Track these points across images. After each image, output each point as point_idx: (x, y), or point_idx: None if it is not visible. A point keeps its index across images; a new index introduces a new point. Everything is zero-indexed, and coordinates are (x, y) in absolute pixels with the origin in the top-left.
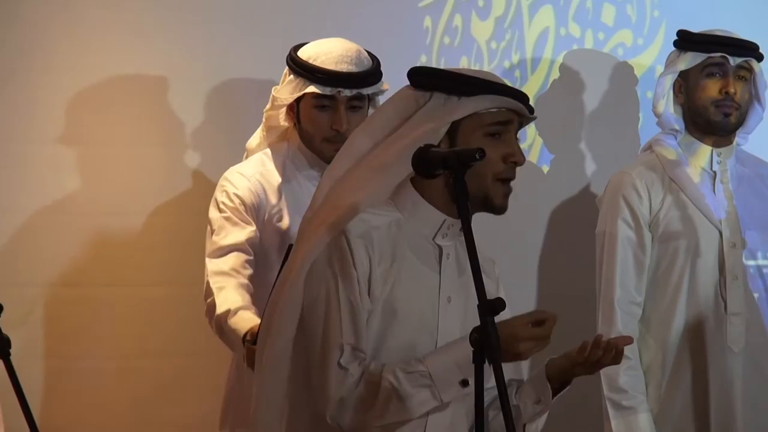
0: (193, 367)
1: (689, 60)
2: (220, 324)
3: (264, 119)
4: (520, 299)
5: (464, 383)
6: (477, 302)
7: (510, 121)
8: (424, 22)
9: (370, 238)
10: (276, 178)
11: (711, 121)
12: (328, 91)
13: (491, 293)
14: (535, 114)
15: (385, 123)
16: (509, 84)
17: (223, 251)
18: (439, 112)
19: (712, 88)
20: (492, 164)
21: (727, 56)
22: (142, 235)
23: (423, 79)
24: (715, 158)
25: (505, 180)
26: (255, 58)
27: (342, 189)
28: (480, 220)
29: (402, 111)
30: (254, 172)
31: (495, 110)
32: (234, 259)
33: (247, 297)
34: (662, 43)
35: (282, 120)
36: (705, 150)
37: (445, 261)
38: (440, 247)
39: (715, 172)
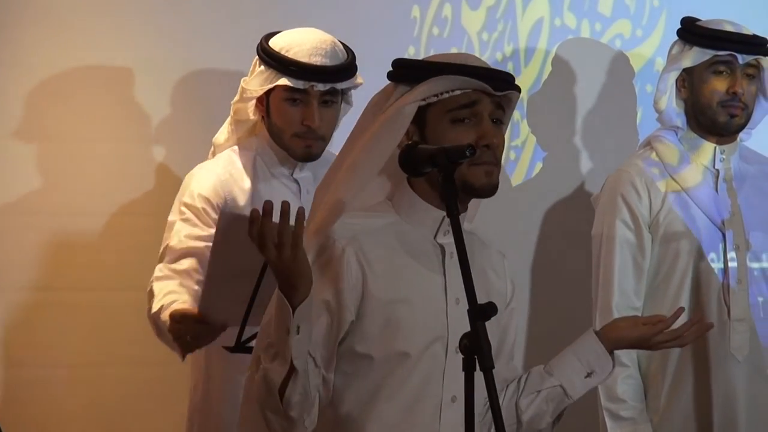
0: (162, 376)
1: (696, 56)
2: (155, 322)
3: (232, 112)
4: None
5: (287, 331)
6: (487, 300)
7: (475, 102)
8: (412, 12)
9: (359, 244)
10: (246, 179)
11: (716, 121)
12: (300, 84)
13: (498, 289)
14: (516, 91)
15: (363, 122)
16: (483, 64)
17: (175, 255)
18: (395, 103)
19: (718, 87)
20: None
21: (736, 54)
22: (108, 236)
23: (394, 71)
24: (719, 156)
25: (481, 163)
26: (227, 47)
27: (325, 194)
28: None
29: (379, 107)
30: (223, 172)
31: (458, 93)
32: (187, 263)
33: (186, 297)
34: (662, 33)
35: (251, 113)
36: (707, 147)
37: (448, 261)
38: (442, 247)
39: (718, 170)
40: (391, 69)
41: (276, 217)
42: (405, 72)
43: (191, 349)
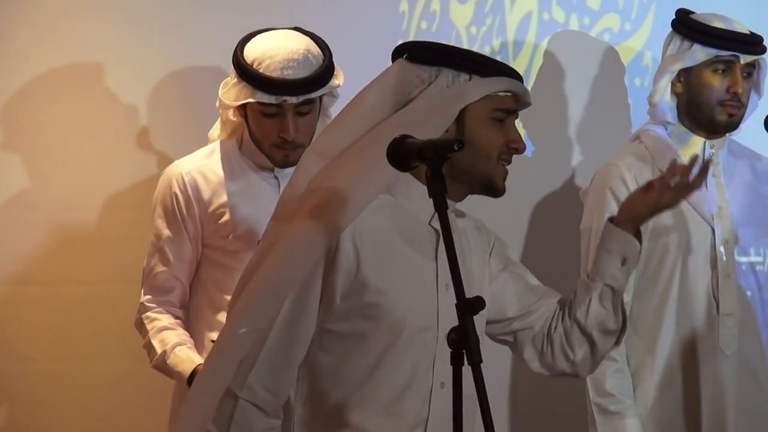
0: (153, 370)
1: (697, 55)
2: (160, 366)
3: (220, 111)
4: None
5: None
6: (476, 286)
7: (515, 109)
8: (401, 7)
9: (358, 230)
10: (220, 173)
11: (714, 119)
12: (272, 99)
13: (483, 262)
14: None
15: (379, 104)
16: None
17: (163, 287)
18: (450, 94)
19: (718, 86)
20: (496, 146)
21: (738, 54)
22: (100, 230)
23: (428, 53)
24: (708, 150)
25: (505, 163)
26: (215, 42)
27: (330, 180)
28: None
29: (399, 90)
30: (195, 167)
31: (502, 95)
32: (174, 296)
33: (181, 331)
34: (651, 27)
35: (232, 116)
36: (697, 141)
37: (441, 246)
38: (437, 231)
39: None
40: (428, 53)
41: None
42: (460, 61)
43: None
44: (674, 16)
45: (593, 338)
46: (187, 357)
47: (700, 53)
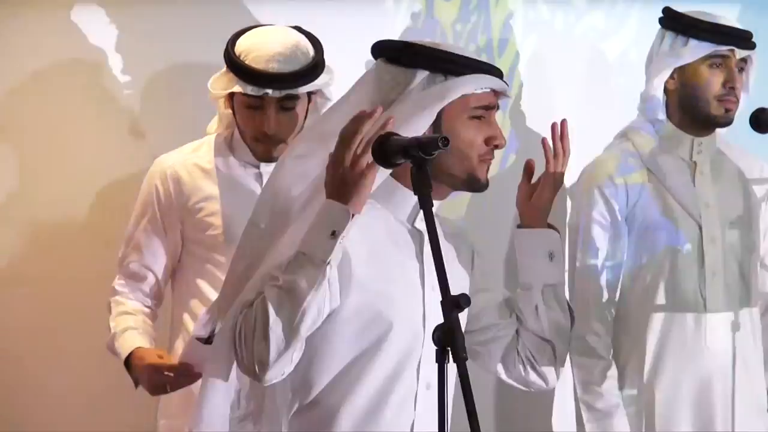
0: None
1: (694, 50)
2: (110, 347)
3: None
4: None
5: (333, 234)
6: (459, 286)
7: (494, 105)
8: (386, 3)
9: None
10: (205, 167)
11: (711, 115)
12: (255, 91)
13: (465, 270)
14: (509, 95)
15: (358, 107)
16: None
17: (137, 275)
18: (426, 96)
19: (715, 82)
20: (477, 146)
21: (735, 49)
22: (87, 227)
23: (403, 54)
24: (696, 148)
25: (488, 161)
26: (206, 39)
27: (312, 184)
28: (444, 214)
29: (376, 93)
30: (180, 161)
31: (480, 92)
32: (145, 284)
33: (141, 318)
34: (635, 25)
35: (223, 108)
36: (685, 139)
37: (426, 248)
38: (420, 232)
39: (695, 163)
40: (414, 54)
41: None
42: (433, 62)
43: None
44: (661, 14)
45: (553, 342)
46: (131, 339)
47: (697, 48)
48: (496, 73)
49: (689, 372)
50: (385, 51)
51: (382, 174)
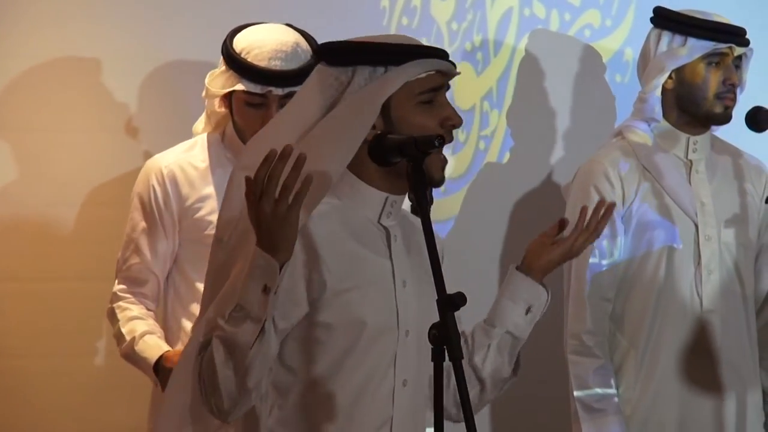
0: (133, 367)
1: (694, 49)
2: (128, 354)
3: (205, 104)
4: (480, 296)
5: (265, 289)
6: (425, 282)
7: (441, 84)
8: (381, 2)
9: (307, 231)
10: (200, 167)
11: (711, 112)
12: (258, 89)
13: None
14: (457, 70)
15: (306, 112)
16: (427, 44)
17: (138, 279)
18: (368, 90)
19: (714, 79)
20: (428, 130)
21: (734, 46)
22: (80, 226)
23: (341, 54)
24: (691, 146)
25: (440, 152)
26: (200, 37)
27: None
28: (438, 213)
29: (323, 96)
30: (175, 160)
31: (424, 76)
32: (148, 289)
33: (151, 321)
34: (632, 23)
35: (218, 107)
36: (680, 138)
37: (393, 244)
38: (386, 230)
39: (690, 161)
40: (339, 53)
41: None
42: (370, 56)
43: None
44: (653, 15)
45: (485, 384)
46: (155, 344)
47: (697, 47)
48: (439, 54)
49: (685, 371)
50: (324, 53)
51: (346, 174)
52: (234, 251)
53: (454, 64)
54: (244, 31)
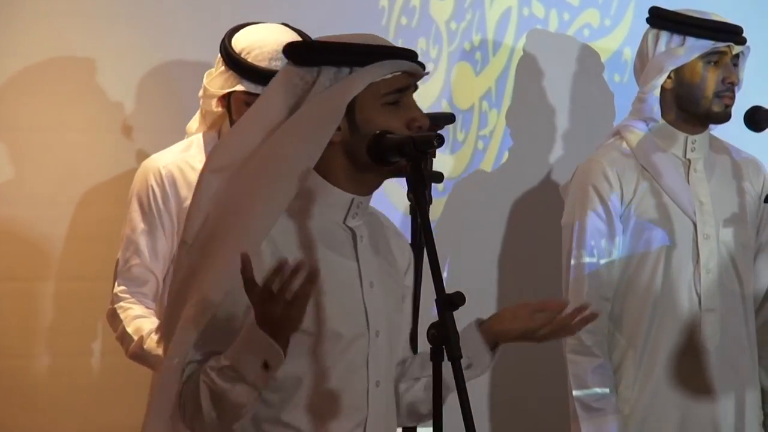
0: (131, 364)
1: (693, 48)
2: (136, 353)
3: (201, 103)
4: (479, 296)
5: (265, 366)
6: (392, 280)
7: (408, 85)
8: (380, 2)
9: (271, 236)
10: (197, 167)
11: (711, 111)
12: (258, 90)
13: (401, 268)
14: (426, 70)
15: (272, 113)
16: (394, 44)
17: (139, 279)
18: (333, 92)
19: (713, 78)
20: (396, 132)
21: (732, 45)
22: (76, 225)
23: (306, 54)
24: (689, 146)
25: None
26: (196, 36)
27: (234, 197)
28: (437, 211)
29: (288, 96)
30: (173, 161)
31: (390, 77)
32: (148, 288)
33: (155, 319)
34: (631, 23)
35: (215, 107)
36: (678, 137)
37: (360, 245)
38: (352, 231)
39: (689, 160)
40: (305, 53)
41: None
42: (335, 56)
43: None
44: (649, 15)
45: (400, 410)
46: None
47: (696, 46)
48: (406, 55)
49: (684, 370)
50: (290, 52)
51: (312, 175)
52: (199, 257)
53: (422, 66)
54: (242, 31)
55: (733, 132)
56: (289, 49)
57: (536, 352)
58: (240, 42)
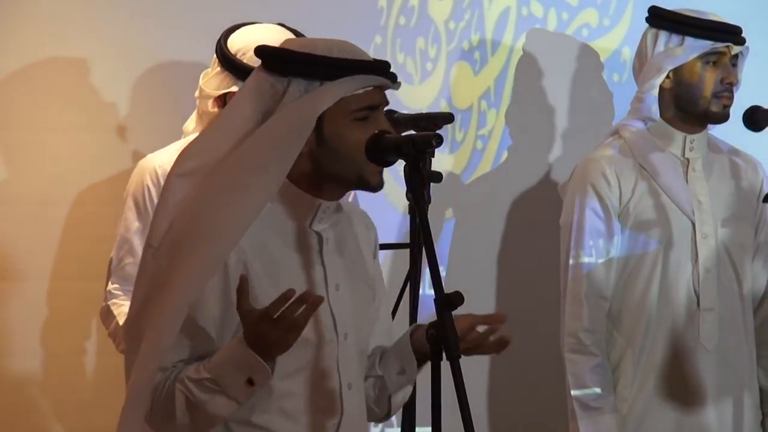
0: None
1: (692, 48)
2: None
3: (197, 104)
4: (478, 295)
5: (250, 382)
6: (361, 278)
7: (378, 99)
8: (379, 2)
9: (243, 249)
10: None
11: (710, 112)
12: None
13: (367, 260)
14: (399, 81)
15: (242, 119)
16: (369, 56)
17: (130, 271)
18: (303, 103)
19: (712, 78)
20: (362, 147)
21: (732, 45)
22: (73, 225)
23: (277, 63)
24: (688, 145)
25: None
26: (193, 36)
27: (204, 205)
28: (436, 211)
29: (260, 103)
30: (169, 160)
31: (361, 92)
32: None
33: None
34: (629, 23)
35: (211, 107)
36: (677, 136)
37: (325, 248)
38: (318, 234)
39: (687, 160)
40: (276, 61)
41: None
42: (306, 68)
43: None
44: (648, 14)
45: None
46: None
47: (695, 47)
48: (378, 68)
49: (683, 369)
50: (262, 58)
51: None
52: (168, 263)
53: (394, 77)
54: (238, 32)
55: (732, 132)
56: (261, 53)
57: (535, 352)
58: (236, 43)
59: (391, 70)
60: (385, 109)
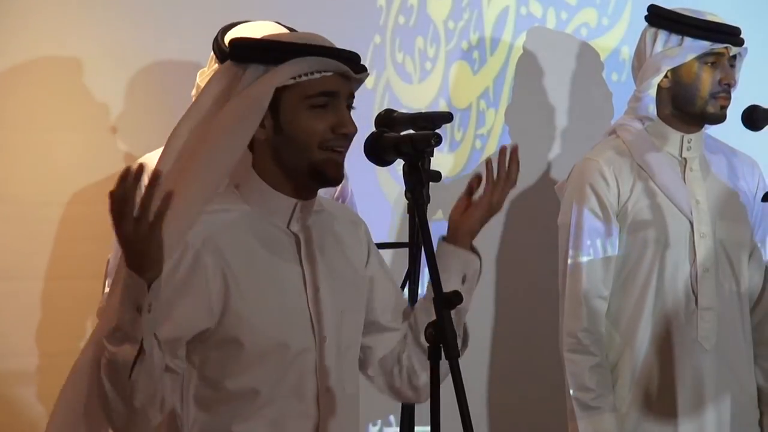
0: None
1: (691, 48)
2: None
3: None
4: (476, 295)
5: (138, 309)
6: (344, 279)
7: (335, 87)
8: (378, 1)
9: (215, 244)
10: None
11: (707, 112)
12: None
13: (360, 259)
14: (367, 72)
15: (207, 105)
16: (333, 45)
17: None
18: (255, 86)
19: (710, 79)
20: (316, 134)
21: (730, 46)
22: (69, 225)
23: (238, 50)
24: (685, 145)
25: (334, 149)
26: (188, 35)
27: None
28: (434, 210)
29: (223, 90)
30: None
31: (318, 78)
32: None
33: None
34: (628, 22)
35: None
36: (674, 136)
37: (304, 250)
38: (296, 236)
39: (685, 159)
40: (234, 50)
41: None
42: (260, 53)
43: None
44: (647, 13)
45: (402, 385)
46: None
47: (694, 47)
48: (337, 55)
49: (681, 369)
50: (230, 49)
51: (251, 175)
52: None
53: (362, 68)
54: (235, 29)
55: (731, 131)
56: (230, 45)
57: (535, 352)
58: None
59: (384, 66)
60: (385, 108)
